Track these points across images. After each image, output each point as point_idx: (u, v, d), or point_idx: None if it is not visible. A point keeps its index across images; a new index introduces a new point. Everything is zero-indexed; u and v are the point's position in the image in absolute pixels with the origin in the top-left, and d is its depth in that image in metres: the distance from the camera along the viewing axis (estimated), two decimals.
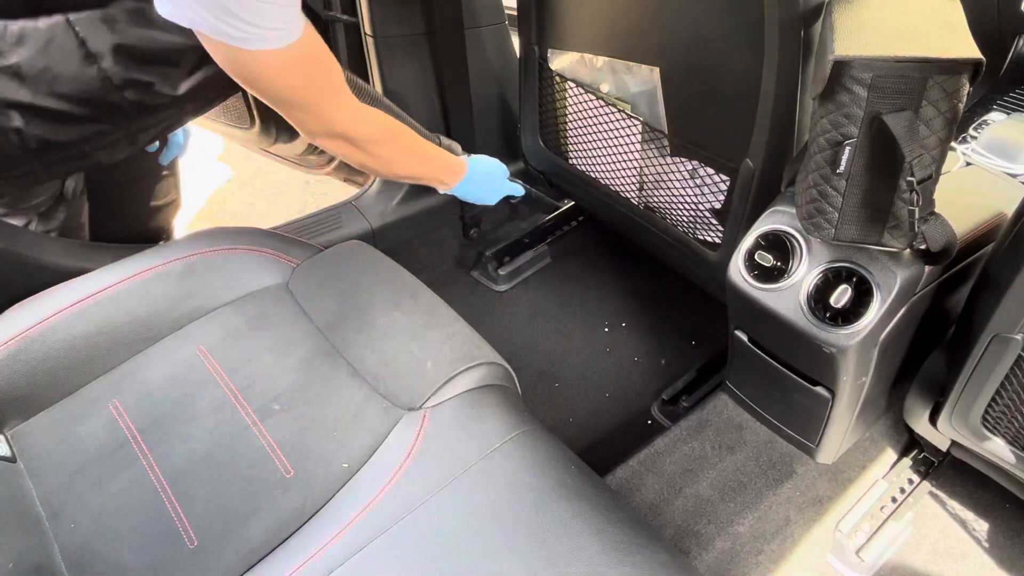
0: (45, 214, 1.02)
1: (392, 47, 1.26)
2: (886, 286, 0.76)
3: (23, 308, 0.84)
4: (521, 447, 0.71)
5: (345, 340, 0.83)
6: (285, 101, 0.79)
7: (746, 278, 0.85)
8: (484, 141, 1.44)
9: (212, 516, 0.69)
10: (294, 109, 0.80)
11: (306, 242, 0.99)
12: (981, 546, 0.98)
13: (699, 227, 1.08)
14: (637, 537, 0.65)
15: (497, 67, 1.39)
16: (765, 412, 1.09)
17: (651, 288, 1.48)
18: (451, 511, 0.66)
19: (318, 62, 0.78)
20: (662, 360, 1.35)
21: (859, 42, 0.64)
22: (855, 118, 0.66)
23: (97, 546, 0.67)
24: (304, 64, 0.76)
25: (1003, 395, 0.78)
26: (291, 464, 0.72)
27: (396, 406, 0.76)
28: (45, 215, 1.02)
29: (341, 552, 0.64)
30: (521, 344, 1.39)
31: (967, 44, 0.62)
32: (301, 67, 0.75)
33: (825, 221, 0.74)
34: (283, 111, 0.80)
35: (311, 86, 0.78)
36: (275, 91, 0.77)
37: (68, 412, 0.78)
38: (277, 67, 0.73)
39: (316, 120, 0.82)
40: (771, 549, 0.98)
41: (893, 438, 1.10)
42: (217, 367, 0.80)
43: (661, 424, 1.22)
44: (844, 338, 0.77)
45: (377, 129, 0.90)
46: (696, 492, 1.05)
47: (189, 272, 0.88)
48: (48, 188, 1.00)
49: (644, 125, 1.06)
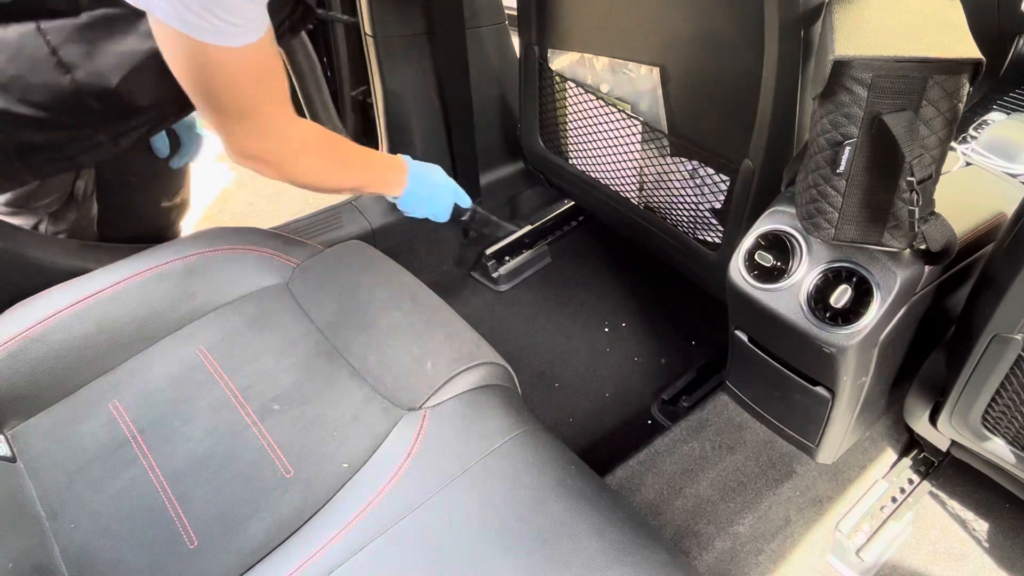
0: (56, 214, 1.02)
1: (392, 47, 1.26)
2: (886, 286, 0.76)
3: (23, 308, 0.84)
4: (521, 447, 0.71)
5: (345, 340, 0.83)
6: (225, 106, 0.75)
7: (746, 278, 0.85)
8: (484, 141, 1.45)
9: (212, 516, 0.69)
10: (231, 116, 0.75)
11: (306, 242, 0.99)
12: (981, 546, 0.98)
13: (699, 227, 1.08)
14: (637, 537, 0.65)
15: (497, 67, 1.39)
16: (765, 412, 1.09)
17: (651, 288, 1.48)
18: (451, 511, 0.66)
19: (270, 69, 0.75)
20: (662, 360, 1.35)
21: (859, 42, 0.64)
22: (855, 118, 0.66)
23: (97, 546, 0.67)
24: (256, 67, 0.73)
25: (1003, 395, 0.78)
26: (291, 464, 0.72)
27: (396, 406, 0.76)
28: (56, 215, 1.02)
29: (341, 552, 0.64)
30: (521, 344, 1.39)
31: (967, 44, 0.62)
32: (253, 70, 0.72)
33: (825, 221, 0.74)
34: (216, 117, 0.76)
35: (258, 92, 0.75)
36: (219, 92, 0.73)
37: (68, 412, 0.78)
38: (229, 65, 0.70)
39: (251, 130, 0.78)
40: (771, 549, 0.98)
41: (893, 438, 1.10)
42: (217, 367, 0.80)
43: (661, 424, 1.22)
44: (844, 338, 0.77)
45: (311, 141, 0.85)
46: (696, 492, 1.05)
47: (189, 272, 0.88)
48: (57, 188, 1.00)
49: (644, 125, 1.06)
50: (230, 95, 0.73)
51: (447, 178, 1.09)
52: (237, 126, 0.77)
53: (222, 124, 0.77)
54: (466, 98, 1.36)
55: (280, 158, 0.82)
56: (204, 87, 0.72)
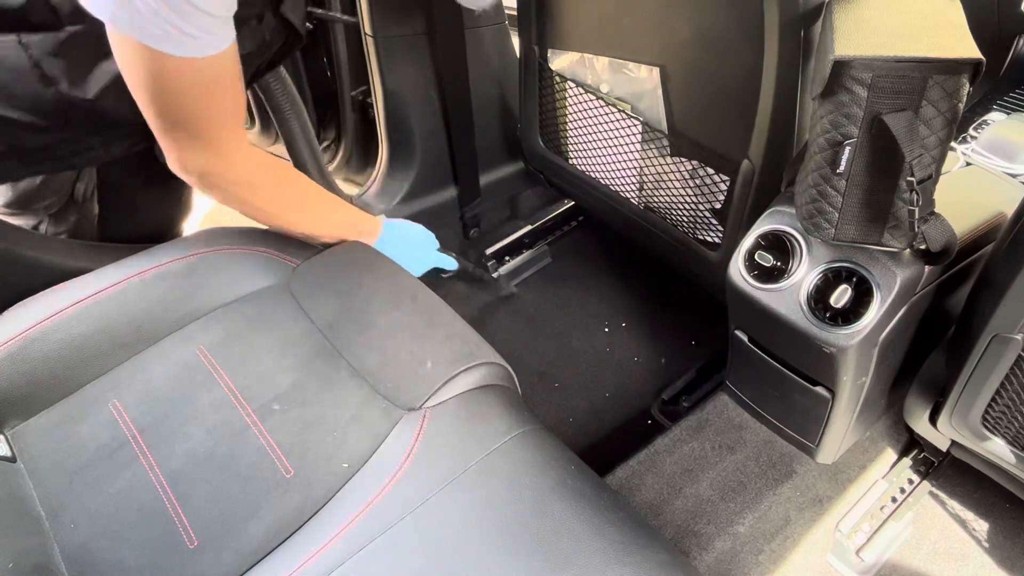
0: (56, 215, 1.02)
1: (392, 47, 1.26)
2: (886, 286, 0.76)
3: (23, 308, 0.84)
4: (521, 447, 0.71)
5: (345, 340, 0.83)
6: (176, 119, 0.73)
7: (746, 278, 0.85)
8: (484, 141, 1.45)
9: (212, 516, 0.69)
10: (179, 128, 0.74)
11: (306, 242, 0.99)
12: (981, 546, 0.98)
13: (699, 227, 1.08)
14: (637, 537, 0.65)
15: (497, 67, 1.39)
16: (765, 412, 1.09)
17: (651, 288, 1.48)
18: (451, 511, 0.66)
19: (226, 87, 0.73)
20: (662, 360, 1.35)
21: (859, 42, 0.64)
22: (855, 118, 0.66)
23: (97, 546, 0.67)
24: (213, 83, 0.71)
25: (1003, 395, 0.78)
26: (291, 464, 0.72)
27: (396, 406, 0.76)
28: (56, 216, 1.02)
29: (341, 552, 0.64)
30: (521, 344, 1.39)
31: (967, 44, 0.62)
32: (209, 84, 0.71)
33: (825, 221, 0.74)
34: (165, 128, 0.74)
35: (211, 107, 0.73)
36: (171, 104, 0.71)
37: (68, 412, 0.78)
38: (184, 77, 0.68)
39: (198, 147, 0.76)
40: (771, 549, 0.98)
41: (893, 438, 1.10)
42: (217, 367, 0.80)
43: (661, 424, 1.22)
44: (844, 338, 0.77)
45: (264, 173, 0.83)
46: (696, 492, 1.05)
47: (189, 272, 0.88)
48: (58, 190, 1.00)
49: (644, 125, 1.06)
50: (182, 108, 0.72)
51: (429, 240, 1.05)
52: (186, 141, 0.75)
53: (170, 137, 0.75)
54: (466, 98, 1.36)
55: (224, 182, 0.81)
56: (157, 97, 0.71)
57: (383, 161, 1.42)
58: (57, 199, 1.01)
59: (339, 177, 1.68)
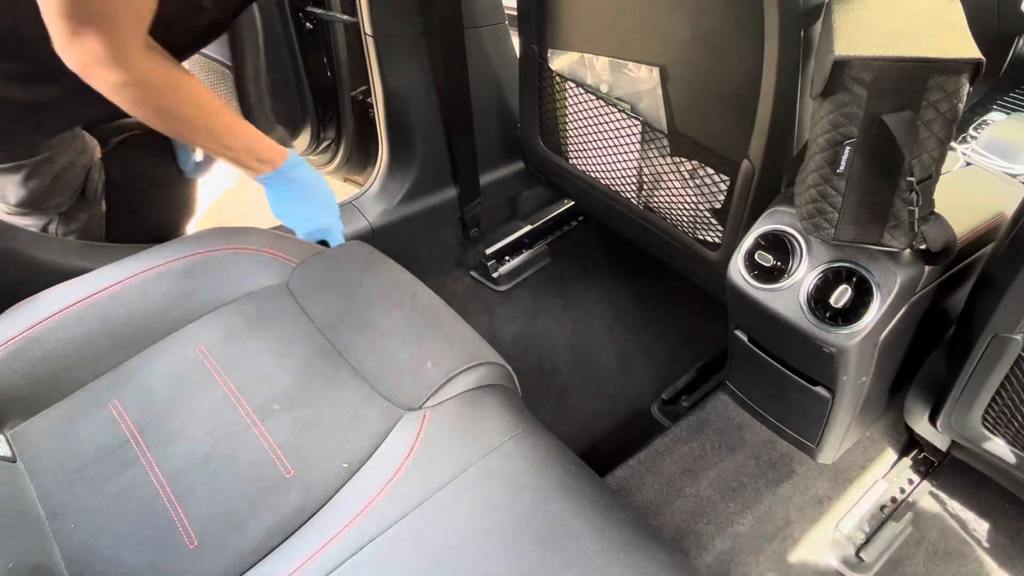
0: (67, 214, 1.02)
1: (392, 47, 1.26)
2: (886, 286, 0.76)
3: (23, 308, 0.84)
4: (521, 447, 0.71)
5: (345, 340, 0.83)
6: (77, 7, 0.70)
7: (746, 278, 0.85)
8: (484, 141, 1.45)
9: (212, 516, 0.69)
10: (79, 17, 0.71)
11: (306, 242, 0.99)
12: (981, 546, 0.98)
13: (699, 227, 1.08)
14: (637, 537, 0.65)
15: (497, 67, 1.39)
16: (765, 412, 1.09)
17: (651, 288, 1.48)
18: (451, 511, 0.66)
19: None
20: (662, 360, 1.35)
21: (859, 42, 0.64)
22: (855, 118, 0.66)
23: (97, 546, 0.67)
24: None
25: (1003, 395, 0.78)
26: (291, 464, 0.72)
27: (396, 406, 0.76)
28: (67, 215, 1.02)
29: (341, 552, 0.64)
30: (521, 344, 1.39)
31: (967, 44, 0.62)
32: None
33: (825, 221, 0.74)
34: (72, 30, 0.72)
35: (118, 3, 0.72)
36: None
37: (68, 412, 0.78)
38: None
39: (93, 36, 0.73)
40: (771, 549, 0.98)
41: (893, 438, 1.10)
42: (217, 367, 0.80)
43: (661, 424, 1.22)
44: (844, 338, 0.77)
45: (163, 78, 0.81)
46: (696, 492, 1.05)
47: (189, 272, 0.88)
48: (68, 187, 1.00)
49: (644, 125, 1.06)
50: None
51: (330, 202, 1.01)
52: (91, 36, 0.73)
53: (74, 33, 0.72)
54: (466, 98, 1.36)
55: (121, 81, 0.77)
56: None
57: (383, 161, 1.42)
58: (67, 198, 1.01)
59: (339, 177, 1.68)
